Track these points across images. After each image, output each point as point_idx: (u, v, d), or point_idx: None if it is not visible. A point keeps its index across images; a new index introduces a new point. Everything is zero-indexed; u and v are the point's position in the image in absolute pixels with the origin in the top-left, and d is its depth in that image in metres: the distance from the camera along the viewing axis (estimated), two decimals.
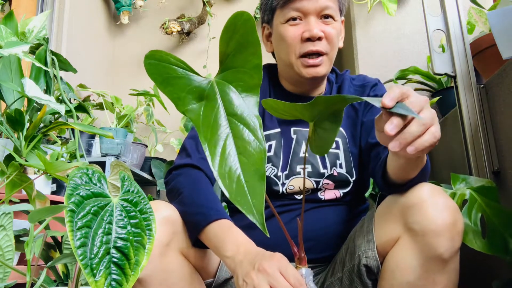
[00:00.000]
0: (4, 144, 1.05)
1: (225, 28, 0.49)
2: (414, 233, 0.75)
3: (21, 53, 0.85)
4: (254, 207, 0.46)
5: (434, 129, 0.61)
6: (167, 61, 0.50)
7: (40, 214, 0.57)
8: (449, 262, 0.73)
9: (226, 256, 0.76)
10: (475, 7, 1.28)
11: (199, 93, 0.50)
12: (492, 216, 0.91)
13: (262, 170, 0.46)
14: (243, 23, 0.47)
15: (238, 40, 0.48)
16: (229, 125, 0.48)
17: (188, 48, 2.67)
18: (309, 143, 0.62)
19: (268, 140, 1.01)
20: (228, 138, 0.48)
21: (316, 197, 0.98)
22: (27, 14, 2.06)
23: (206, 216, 0.82)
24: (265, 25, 1.08)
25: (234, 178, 0.46)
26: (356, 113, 1.04)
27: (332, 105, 0.55)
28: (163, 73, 0.50)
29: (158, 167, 2.26)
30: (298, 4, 0.96)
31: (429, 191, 0.76)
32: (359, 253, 0.83)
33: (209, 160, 0.47)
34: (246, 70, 0.48)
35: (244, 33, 0.47)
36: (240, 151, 0.47)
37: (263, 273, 0.66)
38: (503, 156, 1.07)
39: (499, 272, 1.07)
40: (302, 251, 0.66)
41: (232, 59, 0.49)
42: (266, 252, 0.73)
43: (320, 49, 0.96)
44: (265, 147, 0.47)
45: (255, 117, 0.48)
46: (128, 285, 0.52)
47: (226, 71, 0.50)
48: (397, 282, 0.76)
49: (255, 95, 0.48)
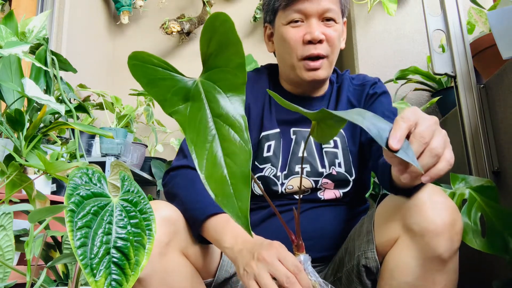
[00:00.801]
0: (4, 144, 1.05)
1: (203, 29, 0.48)
2: (413, 234, 0.75)
3: (21, 53, 0.85)
4: (240, 210, 0.45)
5: (448, 155, 0.60)
6: (150, 62, 0.49)
7: (40, 214, 0.57)
8: (448, 262, 0.73)
9: (226, 247, 0.78)
10: (475, 7, 1.28)
11: (184, 94, 0.50)
12: (492, 215, 0.91)
13: (247, 172, 0.45)
14: (222, 23, 0.46)
15: (219, 40, 0.47)
16: (215, 126, 0.48)
17: (188, 48, 2.67)
18: (311, 133, 0.62)
19: (268, 141, 1.01)
20: (214, 140, 0.47)
21: (315, 196, 0.98)
22: (27, 14, 2.06)
23: (204, 210, 0.83)
24: (267, 25, 1.08)
25: (220, 180, 0.46)
26: None
27: (332, 119, 0.55)
28: (147, 74, 0.49)
29: (158, 167, 2.26)
30: (300, 6, 0.96)
31: (428, 191, 0.76)
32: (358, 253, 0.83)
33: (196, 163, 0.47)
34: (230, 70, 0.48)
35: (224, 32, 0.46)
36: (226, 153, 0.46)
37: (262, 262, 0.68)
38: (503, 156, 1.07)
39: (499, 272, 1.07)
40: (300, 238, 0.66)
41: (215, 59, 0.48)
42: (265, 240, 0.74)
43: (321, 52, 0.96)
44: (250, 149, 0.46)
45: (241, 117, 0.47)
46: (128, 285, 0.52)
47: (209, 71, 0.49)
48: (396, 282, 0.76)
49: (240, 94, 0.48)
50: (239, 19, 2.64)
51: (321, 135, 0.61)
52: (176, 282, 0.82)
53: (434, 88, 1.69)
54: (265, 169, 0.99)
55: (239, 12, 2.65)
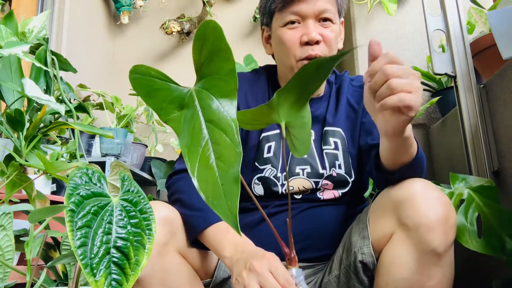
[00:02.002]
0: (4, 144, 1.05)
1: (195, 38, 0.50)
2: (407, 228, 0.75)
3: (21, 53, 0.85)
4: (229, 209, 0.47)
5: (404, 95, 0.64)
6: (149, 74, 0.51)
7: (40, 214, 0.57)
8: (443, 257, 0.74)
9: (225, 256, 0.79)
10: (475, 7, 1.28)
11: (179, 103, 0.52)
12: (490, 215, 0.91)
13: (236, 173, 0.47)
14: (212, 32, 0.48)
15: (210, 49, 0.49)
16: (208, 130, 0.50)
17: (188, 48, 2.67)
18: (289, 147, 0.63)
19: (268, 142, 1.01)
20: (207, 144, 0.49)
21: (315, 196, 0.98)
22: (27, 14, 2.06)
23: (205, 219, 0.84)
24: (264, 27, 1.08)
25: (212, 182, 0.48)
26: (355, 114, 1.04)
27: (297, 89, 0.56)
28: (145, 86, 0.51)
29: (158, 167, 2.26)
30: (296, 7, 0.96)
31: (421, 186, 0.77)
32: (355, 249, 0.84)
33: (188, 166, 0.48)
34: (221, 77, 0.50)
35: (214, 40, 0.49)
36: (217, 156, 0.48)
37: (253, 272, 0.68)
38: (503, 156, 1.07)
39: (499, 272, 1.07)
40: (293, 251, 0.66)
41: (207, 67, 0.51)
42: (260, 251, 0.74)
43: (318, 53, 0.96)
44: (241, 151, 0.48)
45: (232, 121, 0.49)
46: (128, 284, 0.52)
47: (202, 79, 0.52)
48: (392, 278, 0.77)
49: (232, 99, 0.50)
50: (239, 19, 2.64)
51: (296, 144, 0.61)
52: (175, 282, 0.82)
53: (434, 88, 1.69)
54: (265, 170, 0.99)
55: (239, 12, 2.65)
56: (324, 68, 0.54)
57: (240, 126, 0.55)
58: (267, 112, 0.58)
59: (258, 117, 0.60)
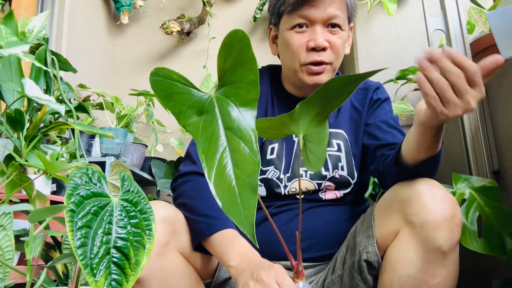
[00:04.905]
0: (4, 144, 1.05)
1: (222, 46, 0.51)
2: (413, 226, 0.75)
3: (21, 53, 0.85)
4: (246, 219, 0.47)
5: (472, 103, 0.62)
6: (170, 78, 0.52)
7: (40, 214, 0.57)
8: (448, 255, 0.74)
9: (230, 265, 0.78)
10: (475, 7, 1.28)
11: (199, 108, 0.52)
12: (491, 216, 0.91)
13: (255, 182, 0.47)
14: (239, 41, 0.49)
15: (235, 57, 0.50)
16: (226, 138, 0.50)
17: (188, 48, 2.67)
18: (303, 159, 0.63)
19: (271, 143, 1.01)
20: (225, 151, 0.50)
21: (317, 196, 0.98)
22: (27, 14, 2.06)
23: (210, 226, 0.84)
24: (271, 26, 1.07)
25: (228, 190, 0.48)
26: (359, 115, 1.04)
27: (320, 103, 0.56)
28: (166, 89, 0.52)
29: (158, 167, 2.26)
30: (305, 11, 0.95)
31: (427, 184, 0.77)
32: (359, 249, 0.84)
33: (206, 172, 0.49)
34: (244, 86, 0.50)
35: (240, 50, 0.49)
36: (235, 164, 0.49)
37: (260, 283, 0.68)
38: (503, 156, 1.07)
39: (500, 272, 1.07)
40: (300, 264, 0.66)
41: (230, 75, 0.51)
42: (267, 262, 0.74)
43: (324, 59, 0.95)
44: (259, 160, 0.48)
45: (251, 130, 0.49)
46: (128, 285, 0.52)
47: (224, 87, 0.52)
48: (397, 276, 0.77)
49: (252, 109, 0.50)
50: (239, 19, 2.64)
51: (311, 158, 0.62)
52: (175, 282, 0.82)
53: None
54: (268, 171, 0.99)
55: (239, 12, 2.65)
56: (349, 86, 0.54)
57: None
58: (287, 122, 0.58)
59: (277, 126, 0.59)
